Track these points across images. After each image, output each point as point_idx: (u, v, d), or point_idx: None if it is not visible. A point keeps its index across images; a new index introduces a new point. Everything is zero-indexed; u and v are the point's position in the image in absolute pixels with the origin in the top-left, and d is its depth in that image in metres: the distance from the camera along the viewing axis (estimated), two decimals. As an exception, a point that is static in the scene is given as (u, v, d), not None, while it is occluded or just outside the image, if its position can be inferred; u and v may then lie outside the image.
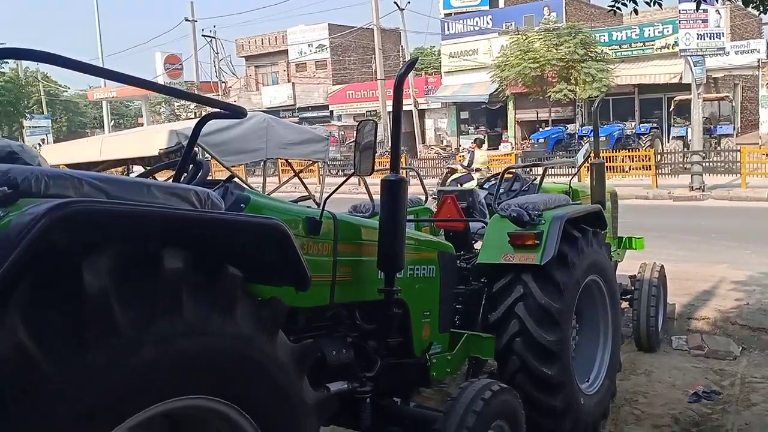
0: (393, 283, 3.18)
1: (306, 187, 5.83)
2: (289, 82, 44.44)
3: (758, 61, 27.18)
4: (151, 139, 4.92)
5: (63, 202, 1.50)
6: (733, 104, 26.87)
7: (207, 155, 4.94)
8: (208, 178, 2.84)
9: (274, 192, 6.10)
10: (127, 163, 5.33)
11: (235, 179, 2.87)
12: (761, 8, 5.51)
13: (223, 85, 43.01)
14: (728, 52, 23.27)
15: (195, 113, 41.62)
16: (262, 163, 6.02)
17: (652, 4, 5.41)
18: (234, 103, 37.64)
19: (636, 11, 5.69)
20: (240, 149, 5.21)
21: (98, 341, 1.54)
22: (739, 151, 18.68)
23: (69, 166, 5.51)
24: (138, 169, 5.27)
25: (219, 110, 2.55)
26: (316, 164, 7.27)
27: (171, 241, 1.73)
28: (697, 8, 7.54)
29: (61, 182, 1.71)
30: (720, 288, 8.01)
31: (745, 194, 16.60)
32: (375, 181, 3.51)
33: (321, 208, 2.97)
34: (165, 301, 1.68)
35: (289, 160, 6.43)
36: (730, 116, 25.26)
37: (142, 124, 46.44)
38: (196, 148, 3.59)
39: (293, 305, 2.59)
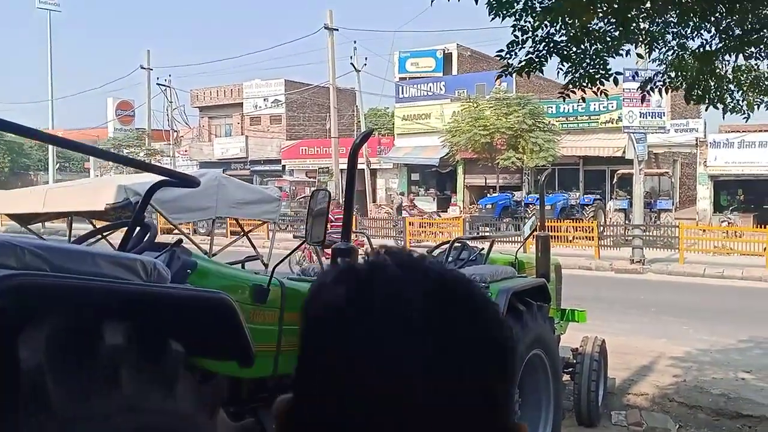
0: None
1: (254, 248, 5.75)
2: (242, 134, 44.40)
3: (696, 140, 28.46)
4: (97, 192, 4.80)
5: (6, 274, 1.45)
6: (673, 180, 27.98)
7: (155, 212, 4.85)
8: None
9: (222, 251, 6.01)
10: (70, 215, 5.18)
11: (183, 244, 2.82)
12: (704, 104, 5.83)
13: (175, 134, 42.69)
14: (668, 130, 24.30)
15: (144, 161, 41.04)
16: (210, 222, 5.94)
17: (599, 93, 5.68)
18: (185, 152, 37.22)
19: (584, 99, 5.94)
20: (189, 207, 5.13)
21: (30, 420, 1.47)
22: (678, 227, 19.33)
23: (10, 215, 5.34)
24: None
25: (171, 179, 2.53)
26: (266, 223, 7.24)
27: (113, 315, 1.68)
28: (643, 101, 7.92)
29: (2, 251, 1.65)
30: (658, 363, 8.15)
31: (683, 269, 17.12)
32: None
33: (269, 275, 2.94)
34: (103, 379, 1.61)
35: (239, 219, 6.36)
36: (669, 191, 26.23)
37: (88, 169, 45.57)
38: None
39: (235, 375, 2.52)
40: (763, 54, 5.68)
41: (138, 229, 2.69)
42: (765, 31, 5.28)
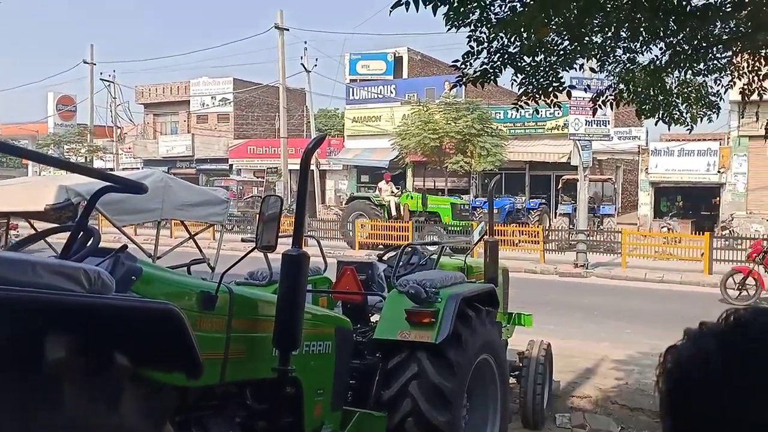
0: (288, 362, 3.10)
1: (201, 251, 5.65)
2: (188, 132, 43.68)
3: (638, 148, 29.33)
4: (37, 192, 4.62)
5: None
6: (615, 186, 28.70)
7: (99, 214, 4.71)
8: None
9: (168, 254, 5.88)
10: (9, 215, 4.98)
11: (128, 250, 2.73)
12: (654, 118, 6.01)
13: (119, 130, 41.70)
14: (612, 138, 24.92)
15: (86, 158, 40.04)
16: (156, 223, 5.81)
17: (551, 105, 5.79)
18: (129, 149, 36.24)
19: (537, 111, 6.04)
20: (134, 209, 5.00)
21: None
22: (620, 232, 19.82)
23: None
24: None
25: (117, 185, 2.44)
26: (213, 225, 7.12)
27: (54, 328, 1.60)
28: (594, 114, 8.12)
29: None
30: (601, 366, 8.32)
31: (625, 274, 17.54)
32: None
33: (218, 282, 2.88)
34: (44, 395, 1.54)
35: (185, 221, 6.23)
36: (612, 197, 26.88)
37: (26, 165, 44.12)
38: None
39: (181, 384, 2.45)
40: (709, 69, 5.91)
41: (81, 234, 2.60)
42: (712, 48, 5.47)
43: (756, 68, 5.92)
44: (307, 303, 3.55)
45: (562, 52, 5.28)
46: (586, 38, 5.17)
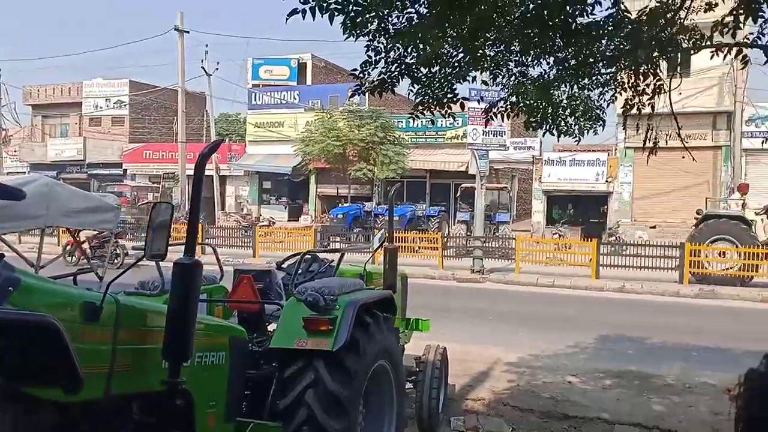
0: (178, 374, 3.02)
1: (88, 260, 5.42)
2: (80, 135, 41.78)
3: (533, 158, 30.56)
4: None
5: None
6: (511, 194, 29.74)
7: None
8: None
9: (54, 262, 5.60)
10: None
11: (5, 259, 2.59)
12: (541, 130, 6.29)
13: (3, 132, 39.34)
14: (508, 147, 25.80)
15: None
16: (40, 230, 5.52)
17: (446, 116, 5.96)
18: (14, 152, 34.20)
19: (433, 122, 6.21)
20: (15, 215, 4.73)
21: None
22: (514, 239, 20.52)
23: None
24: None
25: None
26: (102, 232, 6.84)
27: None
28: (486, 125, 8.41)
29: None
30: (495, 369, 8.58)
31: (518, 279, 18.18)
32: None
33: (103, 292, 2.78)
34: None
35: (72, 229, 5.96)
36: (507, 205, 27.83)
37: None
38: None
39: (60, 399, 2.35)
40: (594, 84, 6.27)
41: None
42: (597, 64, 5.80)
43: (636, 84, 6.30)
44: (200, 313, 3.47)
45: (456, 65, 5.45)
46: (480, 51, 5.35)
